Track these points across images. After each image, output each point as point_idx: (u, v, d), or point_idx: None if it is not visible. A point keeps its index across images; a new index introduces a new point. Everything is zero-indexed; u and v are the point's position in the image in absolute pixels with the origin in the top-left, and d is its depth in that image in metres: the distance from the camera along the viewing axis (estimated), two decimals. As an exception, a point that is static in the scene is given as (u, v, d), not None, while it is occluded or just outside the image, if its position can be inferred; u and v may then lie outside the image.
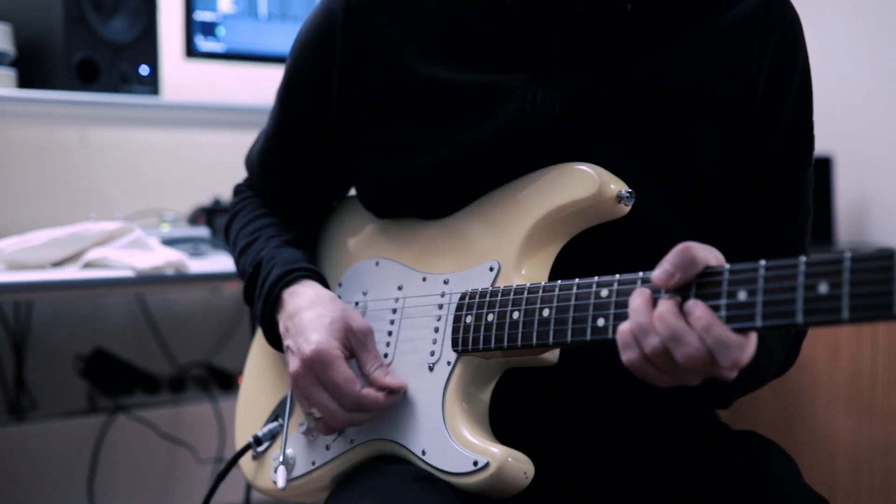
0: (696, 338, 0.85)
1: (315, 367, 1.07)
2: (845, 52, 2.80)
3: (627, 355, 0.89)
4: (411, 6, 1.13)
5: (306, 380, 1.08)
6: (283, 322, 1.14)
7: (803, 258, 0.81)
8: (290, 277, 1.16)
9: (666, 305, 0.87)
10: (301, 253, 1.21)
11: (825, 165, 2.62)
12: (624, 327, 0.89)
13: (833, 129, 2.73)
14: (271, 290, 1.16)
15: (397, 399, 1.08)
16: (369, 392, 1.07)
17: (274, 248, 1.21)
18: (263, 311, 1.17)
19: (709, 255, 0.88)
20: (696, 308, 0.86)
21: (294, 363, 1.09)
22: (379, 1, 1.14)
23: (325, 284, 1.18)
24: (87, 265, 1.77)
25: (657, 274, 0.88)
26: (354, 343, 1.10)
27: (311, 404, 1.09)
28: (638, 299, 0.89)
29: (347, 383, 1.06)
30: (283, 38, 2.23)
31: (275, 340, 1.18)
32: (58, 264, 1.79)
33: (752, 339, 0.85)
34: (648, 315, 0.88)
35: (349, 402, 1.07)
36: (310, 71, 1.20)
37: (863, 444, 2.33)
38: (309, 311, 1.11)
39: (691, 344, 0.85)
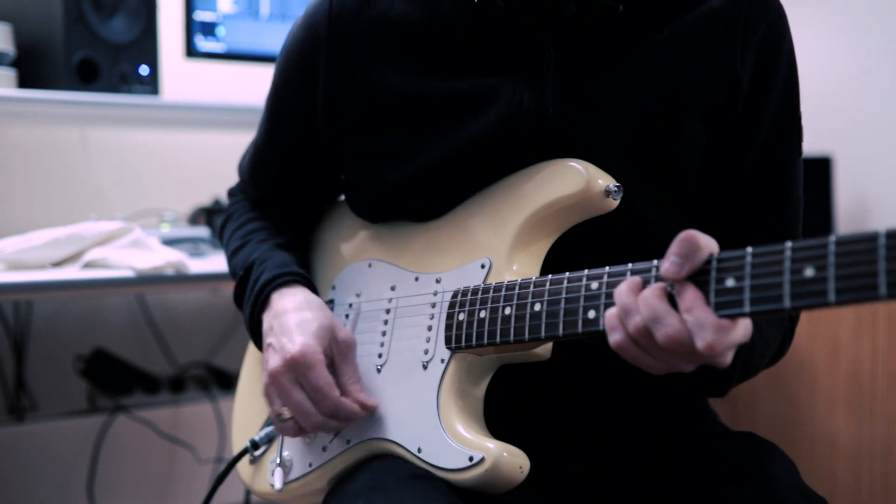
0: (676, 318, 0.85)
1: (298, 367, 1.07)
2: (845, 51, 2.80)
3: (613, 337, 0.89)
4: (394, 18, 1.13)
5: (285, 378, 1.08)
6: (267, 320, 1.14)
7: (789, 243, 0.81)
8: (281, 280, 1.16)
9: (651, 288, 0.87)
10: (292, 257, 1.22)
11: (825, 165, 2.61)
12: (610, 311, 0.89)
13: (833, 129, 2.73)
14: (261, 292, 1.16)
15: (367, 416, 1.09)
16: (347, 401, 1.08)
17: (266, 251, 1.22)
18: (252, 313, 1.17)
19: (710, 243, 0.87)
20: (685, 289, 0.85)
21: (275, 360, 1.09)
22: (362, 15, 1.14)
23: (315, 291, 1.18)
24: (87, 265, 1.77)
25: (666, 266, 0.86)
26: (336, 353, 1.11)
27: (283, 403, 1.09)
28: (623, 284, 0.89)
29: (329, 387, 1.07)
30: (284, 39, 2.23)
31: (259, 340, 1.18)
32: (58, 264, 1.79)
33: (739, 325, 0.85)
34: (632, 296, 0.88)
35: (326, 407, 1.07)
36: (295, 87, 1.20)
37: (863, 444, 2.33)
38: (296, 314, 1.11)
39: (670, 324, 0.85)
